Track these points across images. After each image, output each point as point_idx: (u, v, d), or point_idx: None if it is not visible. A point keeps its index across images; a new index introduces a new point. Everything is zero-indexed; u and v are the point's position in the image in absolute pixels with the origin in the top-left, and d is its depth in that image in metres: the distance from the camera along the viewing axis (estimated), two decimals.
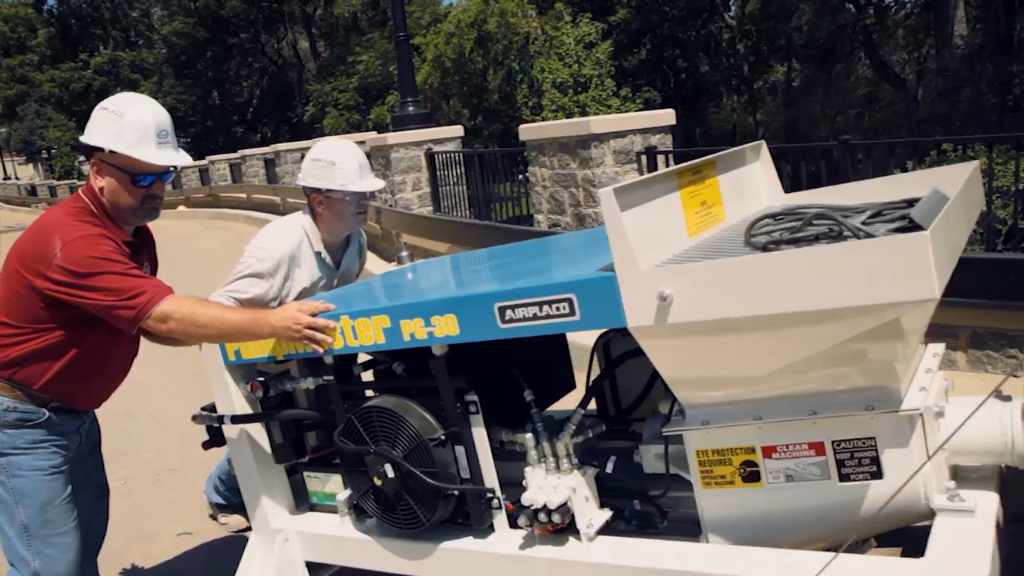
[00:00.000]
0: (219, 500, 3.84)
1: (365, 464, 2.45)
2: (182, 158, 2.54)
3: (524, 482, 2.30)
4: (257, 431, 2.78)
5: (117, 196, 2.50)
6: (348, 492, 2.62)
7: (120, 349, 2.66)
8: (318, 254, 3.22)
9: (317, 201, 3.18)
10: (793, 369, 1.90)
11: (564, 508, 2.18)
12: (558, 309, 2.00)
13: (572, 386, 2.99)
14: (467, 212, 9.62)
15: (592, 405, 2.55)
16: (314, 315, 2.41)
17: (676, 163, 7.41)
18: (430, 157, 10.07)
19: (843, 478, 1.98)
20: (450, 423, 2.34)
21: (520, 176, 8.72)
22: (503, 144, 20.16)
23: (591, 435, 2.35)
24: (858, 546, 2.22)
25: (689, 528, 2.24)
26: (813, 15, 22.55)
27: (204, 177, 23.47)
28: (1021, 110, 15.41)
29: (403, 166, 10.37)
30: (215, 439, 2.87)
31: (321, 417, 2.68)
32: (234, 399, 2.73)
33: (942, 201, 1.96)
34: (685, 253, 2.17)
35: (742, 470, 2.06)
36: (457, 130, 10.90)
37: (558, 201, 7.47)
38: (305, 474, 2.77)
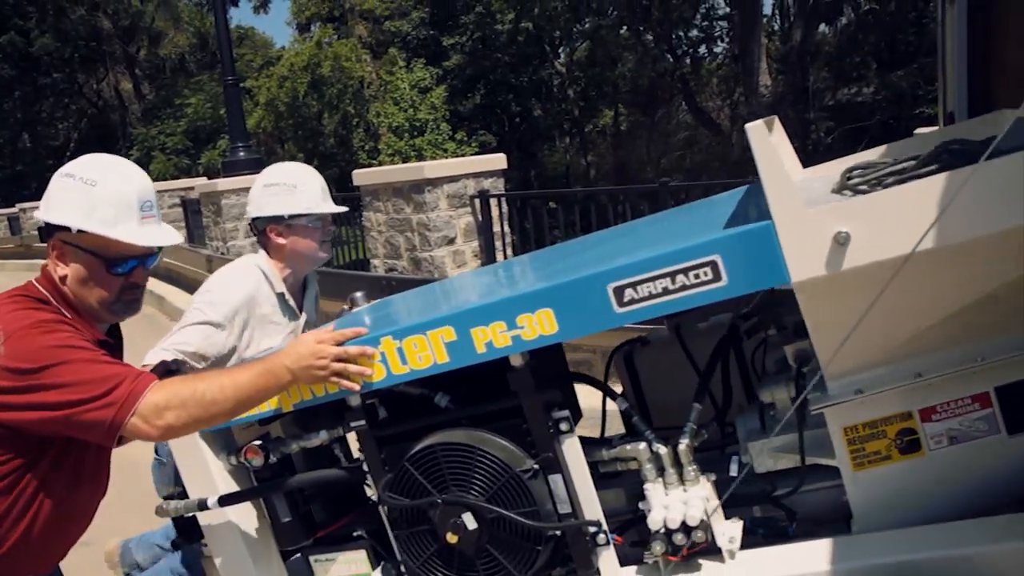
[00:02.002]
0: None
1: (429, 520, 1.97)
2: (168, 235, 1.96)
3: (643, 504, 1.96)
4: (245, 512, 2.23)
5: (87, 288, 1.89)
6: (381, 567, 2.15)
7: (90, 487, 1.98)
8: (280, 295, 2.81)
9: (276, 233, 2.79)
10: (975, 307, 1.67)
11: (704, 524, 1.84)
12: (698, 277, 1.72)
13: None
14: None
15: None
16: (340, 344, 1.90)
17: (509, 206, 7.63)
18: None
19: (1013, 429, 1.74)
20: (540, 448, 1.93)
21: (358, 220, 8.67)
22: (340, 188, 19.93)
23: (705, 435, 2.02)
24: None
25: (811, 527, 1.98)
26: (635, 63, 23.97)
27: (14, 226, 21.87)
28: (819, 153, 16.97)
29: (235, 213, 10.09)
30: (188, 533, 2.30)
31: (350, 477, 2.15)
32: (215, 476, 2.16)
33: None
34: None
35: (899, 440, 1.80)
36: None
37: (394, 246, 7.49)
38: (312, 559, 2.22)
